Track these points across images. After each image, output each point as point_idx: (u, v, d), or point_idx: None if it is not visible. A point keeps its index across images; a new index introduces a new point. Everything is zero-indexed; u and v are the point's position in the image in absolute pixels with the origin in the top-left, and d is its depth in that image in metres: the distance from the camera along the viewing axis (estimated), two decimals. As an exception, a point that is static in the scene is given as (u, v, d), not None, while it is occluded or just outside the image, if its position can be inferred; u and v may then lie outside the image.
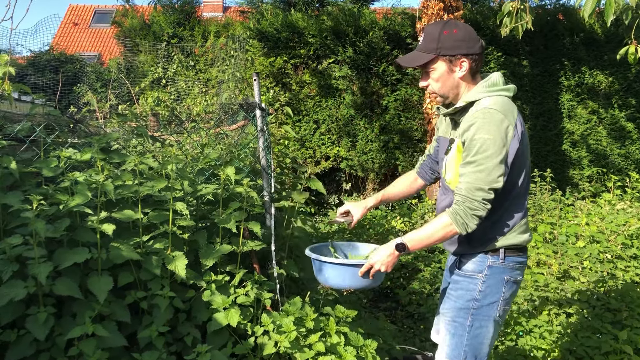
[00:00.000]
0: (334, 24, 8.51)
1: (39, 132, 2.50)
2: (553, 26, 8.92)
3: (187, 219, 2.41)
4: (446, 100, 2.21)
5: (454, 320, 2.22)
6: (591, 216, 5.47)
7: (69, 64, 11.02)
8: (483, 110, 2.04)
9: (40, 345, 2.11)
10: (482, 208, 2.02)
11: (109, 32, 22.87)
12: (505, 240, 2.15)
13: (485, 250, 2.17)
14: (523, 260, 2.22)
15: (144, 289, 2.36)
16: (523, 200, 2.17)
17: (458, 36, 2.11)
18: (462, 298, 2.20)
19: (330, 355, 2.37)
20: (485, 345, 2.21)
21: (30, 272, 2.05)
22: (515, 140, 2.04)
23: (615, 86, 8.82)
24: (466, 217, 2.03)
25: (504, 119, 2.02)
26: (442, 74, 2.13)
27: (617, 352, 3.36)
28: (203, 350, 2.20)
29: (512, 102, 2.13)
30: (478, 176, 2.01)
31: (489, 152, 1.99)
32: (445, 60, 2.12)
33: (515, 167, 2.09)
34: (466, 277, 2.21)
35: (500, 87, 2.15)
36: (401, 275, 5.23)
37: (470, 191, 2.02)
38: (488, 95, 2.11)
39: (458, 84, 2.16)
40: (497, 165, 2.00)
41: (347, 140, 8.49)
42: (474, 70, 2.16)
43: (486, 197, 2.01)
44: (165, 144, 2.94)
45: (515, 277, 2.20)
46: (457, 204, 2.05)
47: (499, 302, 2.18)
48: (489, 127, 2.00)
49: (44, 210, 2.21)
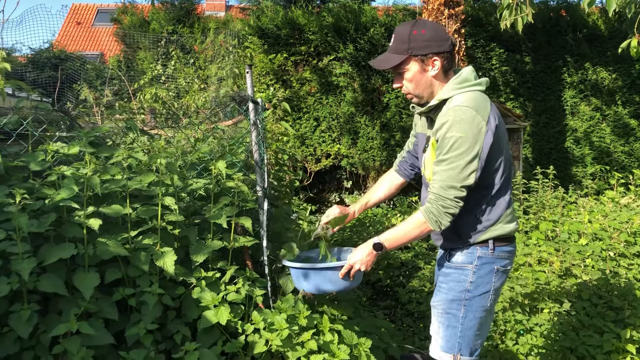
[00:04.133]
0: (334, 21, 8.45)
1: (26, 126, 2.44)
2: (556, 22, 8.84)
3: (176, 214, 2.35)
4: (422, 100, 2.23)
5: (446, 312, 2.23)
6: (594, 213, 5.40)
7: (69, 62, 10.98)
8: (454, 108, 2.06)
9: (24, 343, 2.05)
10: (454, 206, 2.06)
11: (111, 31, 22.89)
12: (493, 231, 2.17)
13: (475, 243, 2.20)
14: (512, 249, 2.25)
15: (133, 286, 2.30)
16: (506, 191, 2.19)
17: (427, 36, 2.13)
18: (454, 290, 2.22)
19: (323, 353, 2.31)
20: (478, 336, 2.23)
21: (13, 268, 1.99)
22: (489, 134, 2.05)
23: (618, 82, 8.74)
24: (439, 215, 2.07)
25: (476, 115, 2.03)
26: (415, 74, 2.16)
27: (620, 351, 3.30)
28: (191, 348, 2.14)
29: (484, 96, 2.13)
30: (450, 174, 2.04)
31: (460, 150, 2.02)
32: (417, 60, 2.14)
33: (493, 160, 2.10)
34: (457, 268, 2.23)
35: (471, 82, 2.15)
36: (401, 274, 5.17)
37: (442, 189, 2.06)
38: (460, 92, 2.12)
39: (431, 82, 2.18)
40: (468, 162, 2.02)
41: (348, 137, 8.43)
42: (446, 68, 2.18)
43: (458, 195, 2.05)
44: (156, 139, 2.88)
45: (505, 267, 2.23)
46: (430, 203, 2.09)
47: (490, 292, 2.20)
48: (459, 125, 2.02)
49: (29, 204, 2.15)
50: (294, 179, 4.09)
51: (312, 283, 2.34)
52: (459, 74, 2.17)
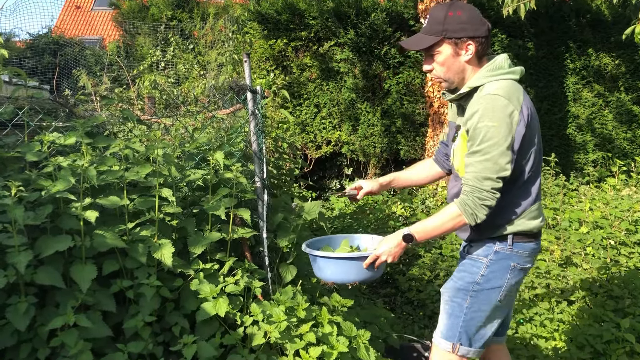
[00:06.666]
0: (335, 6, 8.35)
1: (22, 116, 2.42)
2: (559, 7, 8.73)
3: (174, 206, 2.33)
4: (451, 85, 2.15)
5: (452, 300, 2.20)
6: (595, 201, 5.38)
7: (67, 47, 10.90)
8: (486, 97, 1.98)
9: (21, 335, 2.05)
10: (491, 197, 1.98)
11: (110, 15, 22.69)
12: (515, 226, 2.11)
13: (494, 237, 2.14)
14: (535, 247, 2.18)
15: (130, 278, 2.29)
16: (533, 186, 2.12)
17: (463, 18, 2.04)
18: (463, 279, 2.18)
19: (321, 345, 2.30)
20: (482, 329, 2.18)
21: (9, 261, 1.98)
22: (521, 124, 1.98)
23: (622, 69, 8.66)
24: (475, 208, 1.99)
25: (508, 104, 1.96)
26: (447, 58, 2.07)
27: (620, 341, 3.30)
28: (189, 341, 2.13)
29: (518, 85, 2.05)
30: (485, 165, 1.97)
31: (494, 140, 1.95)
32: (450, 43, 2.05)
33: (523, 152, 2.04)
34: (471, 259, 2.20)
35: (505, 70, 2.07)
36: (401, 262, 5.16)
37: (478, 181, 1.98)
38: (492, 80, 2.04)
39: (464, 68, 2.10)
40: (503, 152, 1.95)
41: (349, 124, 8.38)
42: (480, 54, 2.09)
43: (495, 186, 1.97)
44: (153, 129, 2.85)
45: (523, 265, 2.16)
46: (466, 194, 2.02)
47: (502, 288, 2.14)
48: (492, 114, 1.95)
49: (25, 196, 2.13)
50: (294, 167, 4.07)
51: (334, 272, 2.25)
52: (492, 61, 2.09)
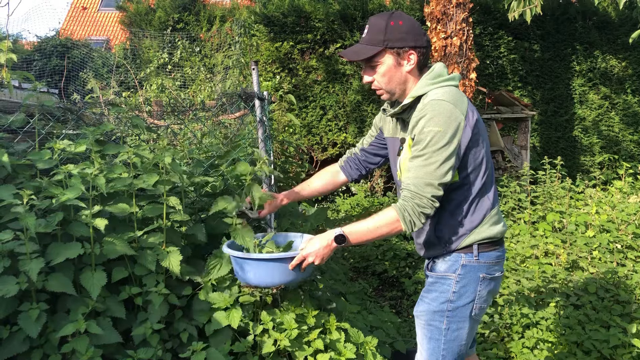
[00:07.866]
0: (341, 8, 8.38)
1: (33, 123, 2.44)
2: (565, 9, 8.73)
3: (182, 214, 2.35)
4: (392, 97, 2.11)
5: (429, 324, 2.12)
6: (601, 204, 5.37)
7: (75, 50, 10.96)
8: (432, 102, 1.94)
9: (33, 342, 2.07)
10: (430, 206, 1.92)
11: (117, 16, 22.77)
12: (477, 234, 2.05)
13: (458, 249, 2.07)
14: (500, 254, 2.11)
15: (139, 285, 2.32)
16: (489, 190, 2.07)
17: (404, 28, 2.00)
18: (436, 300, 2.09)
19: (329, 352, 2.32)
20: (464, 345, 2.12)
21: (21, 269, 2.00)
22: (467, 130, 1.94)
23: (628, 71, 8.64)
24: (414, 215, 1.92)
25: (454, 109, 1.92)
26: (390, 68, 2.03)
27: (626, 346, 3.29)
28: (199, 348, 2.15)
29: (460, 92, 2.02)
30: (427, 170, 1.91)
31: (438, 145, 1.89)
32: (393, 53, 2.01)
33: (471, 158, 1.99)
34: (439, 278, 2.11)
35: (445, 77, 2.03)
36: (407, 265, 5.18)
37: (419, 187, 1.91)
38: (434, 87, 2.00)
39: (406, 78, 2.05)
40: (446, 158, 1.90)
41: (355, 126, 8.40)
42: (422, 65, 2.06)
43: (435, 194, 1.91)
44: (162, 136, 2.88)
45: (492, 274, 2.09)
46: (405, 200, 1.94)
47: (475, 302, 2.07)
48: (438, 119, 1.90)
49: (36, 204, 2.16)
50: (300, 170, 4.09)
51: (257, 275, 2.12)
52: (431, 70, 2.05)
